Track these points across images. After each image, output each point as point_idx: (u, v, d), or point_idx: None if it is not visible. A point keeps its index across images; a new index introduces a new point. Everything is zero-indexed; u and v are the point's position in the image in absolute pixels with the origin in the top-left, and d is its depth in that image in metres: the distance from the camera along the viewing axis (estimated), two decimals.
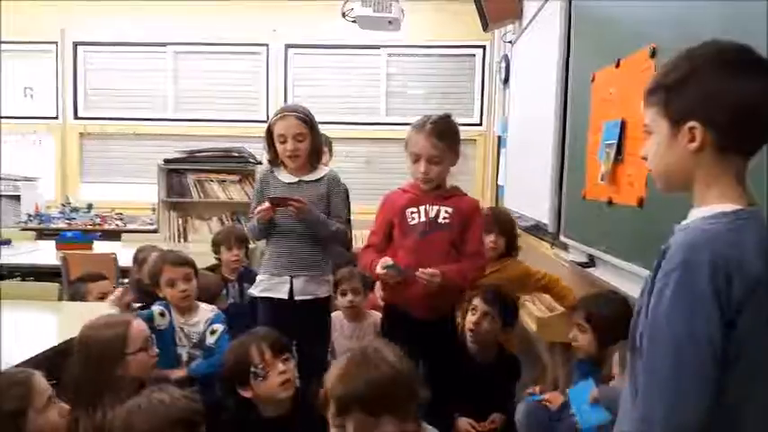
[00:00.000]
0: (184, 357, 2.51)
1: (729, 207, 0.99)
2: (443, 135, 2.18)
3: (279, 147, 2.54)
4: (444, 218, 2.23)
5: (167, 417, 1.47)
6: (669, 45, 1.89)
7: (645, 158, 1.12)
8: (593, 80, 2.60)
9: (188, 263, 2.61)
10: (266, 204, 2.47)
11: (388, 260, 2.17)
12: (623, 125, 2.20)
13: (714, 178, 1.02)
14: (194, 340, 2.53)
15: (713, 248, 0.94)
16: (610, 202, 2.32)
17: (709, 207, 1.02)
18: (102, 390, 1.81)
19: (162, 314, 2.51)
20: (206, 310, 2.60)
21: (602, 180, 2.38)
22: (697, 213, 1.04)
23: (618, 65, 2.30)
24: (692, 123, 1.00)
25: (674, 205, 1.78)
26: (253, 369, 1.91)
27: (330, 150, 3.96)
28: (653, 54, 1.98)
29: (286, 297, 2.54)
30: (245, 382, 1.93)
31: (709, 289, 0.92)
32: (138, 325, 2.00)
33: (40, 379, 1.56)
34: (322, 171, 2.65)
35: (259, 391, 1.93)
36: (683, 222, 1.06)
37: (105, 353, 1.86)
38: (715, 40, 1.04)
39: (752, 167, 1.05)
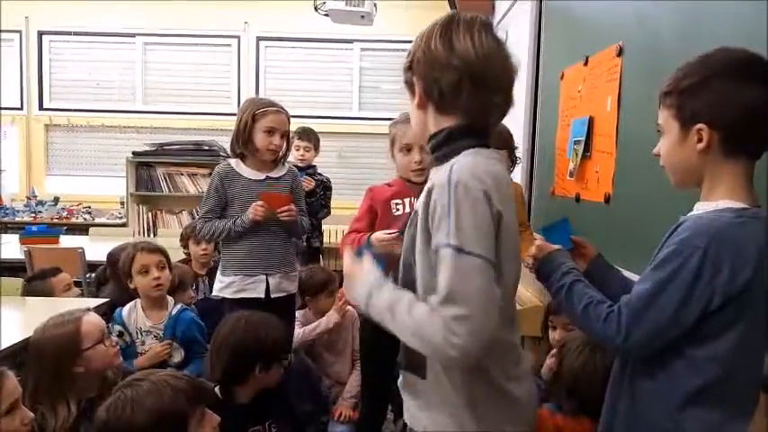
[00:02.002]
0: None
1: (736, 204, 1.07)
2: None
3: (262, 139, 2.46)
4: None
5: (175, 393, 1.45)
6: (636, 44, 1.93)
7: (657, 156, 1.19)
8: (562, 78, 2.64)
9: (161, 251, 2.57)
10: (259, 203, 2.41)
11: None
12: (591, 122, 2.24)
13: (721, 177, 1.09)
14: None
15: (710, 238, 1.02)
16: (578, 199, 2.36)
17: (717, 202, 1.09)
18: (64, 390, 1.77)
19: (120, 334, 2.45)
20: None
21: (570, 176, 2.42)
22: (704, 206, 1.11)
23: (586, 63, 2.33)
24: (700, 125, 1.07)
25: (639, 202, 1.83)
26: (283, 356, 2.00)
27: (316, 146, 3.94)
28: (620, 52, 2.02)
29: (263, 296, 2.49)
30: (270, 365, 1.98)
31: (693, 271, 1.02)
32: (90, 319, 1.94)
33: (10, 380, 1.50)
34: (285, 167, 2.63)
35: (265, 380, 1.97)
36: (690, 213, 1.14)
37: (60, 354, 1.81)
38: (727, 48, 1.11)
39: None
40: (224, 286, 2.52)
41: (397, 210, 2.23)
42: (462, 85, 1.11)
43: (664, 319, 1.06)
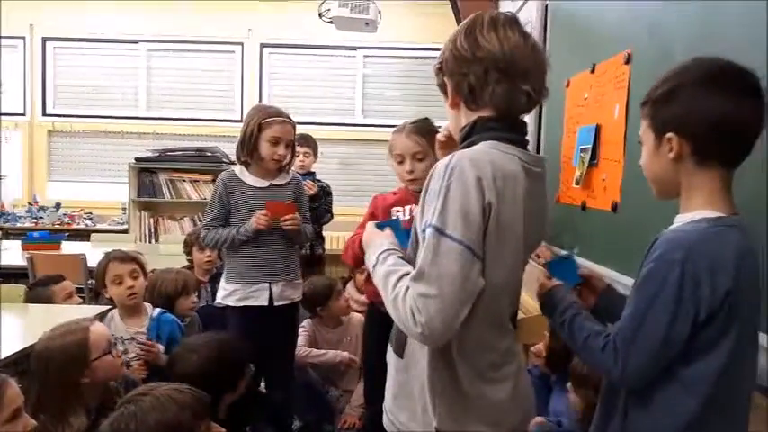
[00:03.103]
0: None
1: (712, 213, 1.06)
2: (424, 132, 2.18)
3: (267, 148, 2.46)
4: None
5: (180, 408, 1.44)
6: (644, 51, 1.92)
7: (640, 166, 1.19)
8: (568, 85, 2.62)
9: (134, 259, 2.54)
10: (262, 212, 2.41)
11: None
12: (598, 130, 2.23)
13: (696, 186, 1.08)
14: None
15: (687, 251, 1.00)
16: (584, 207, 2.34)
17: (693, 213, 1.08)
18: (70, 399, 1.76)
19: None
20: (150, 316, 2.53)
21: (576, 184, 2.40)
22: (683, 218, 1.10)
23: (593, 70, 2.32)
24: (669, 135, 1.07)
25: (647, 211, 1.81)
26: (246, 369, 2.02)
27: (315, 152, 3.94)
28: (628, 60, 2.01)
29: (266, 304, 2.48)
30: (236, 384, 1.97)
31: (675, 285, 1.00)
32: (99, 329, 1.93)
33: (12, 387, 1.49)
34: (289, 175, 2.63)
35: (235, 396, 1.97)
36: (671, 227, 1.12)
37: (68, 362, 1.79)
38: (703, 58, 1.10)
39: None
40: (227, 294, 2.51)
41: (397, 217, 2.22)
42: (489, 76, 1.13)
43: (655, 342, 1.03)
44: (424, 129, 2.19)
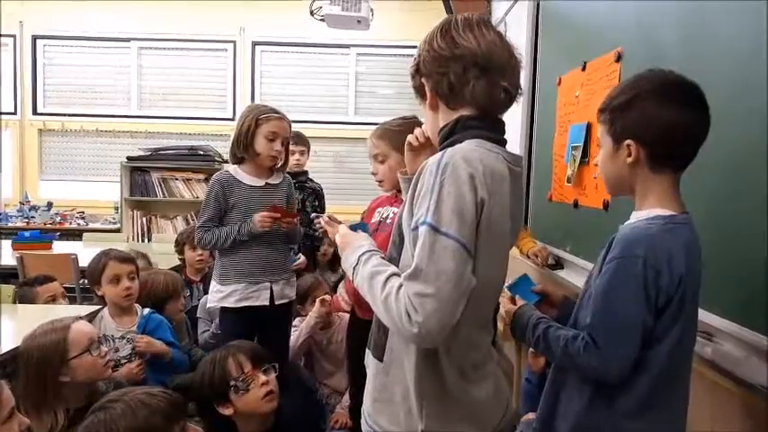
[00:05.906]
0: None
1: (665, 212, 1.16)
2: (385, 135, 2.10)
3: (264, 145, 2.44)
4: (391, 218, 2.12)
5: (151, 413, 1.42)
6: (634, 49, 1.92)
7: (597, 165, 1.29)
8: (559, 83, 2.62)
9: (132, 260, 2.54)
10: (267, 214, 2.40)
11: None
12: (589, 128, 2.23)
13: (650, 188, 1.18)
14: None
15: (647, 246, 1.11)
16: (575, 205, 2.34)
17: (648, 210, 1.18)
18: (49, 397, 1.76)
19: None
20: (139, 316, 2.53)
21: (568, 182, 2.40)
22: (638, 215, 1.20)
23: (584, 68, 2.32)
24: (628, 141, 1.16)
25: None
26: (233, 383, 1.83)
27: (309, 150, 3.92)
28: (618, 58, 2.01)
29: (267, 303, 2.47)
30: (225, 398, 1.84)
31: (640, 277, 1.09)
32: (81, 327, 1.92)
33: (5, 388, 1.49)
34: (281, 174, 2.62)
35: (240, 405, 1.84)
36: (626, 222, 1.22)
37: (45, 360, 1.79)
38: (658, 71, 1.19)
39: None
40: (224, 296, 2.46)
41: (375, 218, 2.19)
42: (469, 73, 1.14)
43: (629, 329, 1.11)
44: (386, 131, 2.10)
